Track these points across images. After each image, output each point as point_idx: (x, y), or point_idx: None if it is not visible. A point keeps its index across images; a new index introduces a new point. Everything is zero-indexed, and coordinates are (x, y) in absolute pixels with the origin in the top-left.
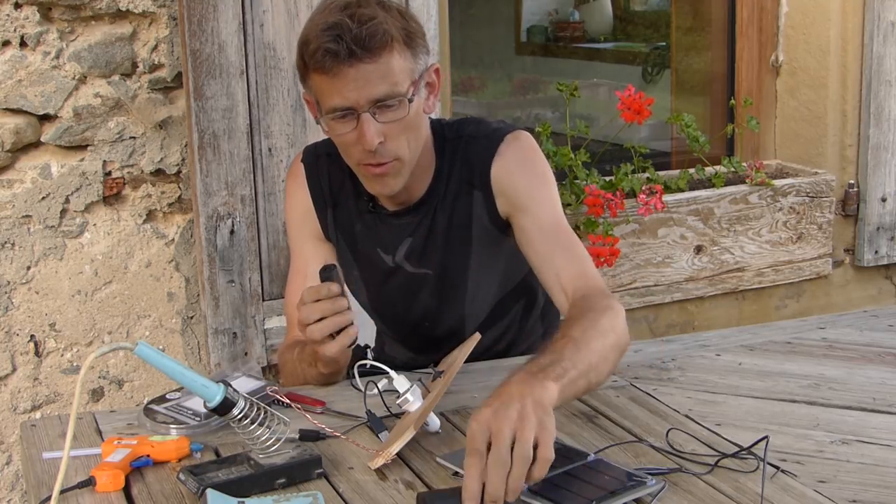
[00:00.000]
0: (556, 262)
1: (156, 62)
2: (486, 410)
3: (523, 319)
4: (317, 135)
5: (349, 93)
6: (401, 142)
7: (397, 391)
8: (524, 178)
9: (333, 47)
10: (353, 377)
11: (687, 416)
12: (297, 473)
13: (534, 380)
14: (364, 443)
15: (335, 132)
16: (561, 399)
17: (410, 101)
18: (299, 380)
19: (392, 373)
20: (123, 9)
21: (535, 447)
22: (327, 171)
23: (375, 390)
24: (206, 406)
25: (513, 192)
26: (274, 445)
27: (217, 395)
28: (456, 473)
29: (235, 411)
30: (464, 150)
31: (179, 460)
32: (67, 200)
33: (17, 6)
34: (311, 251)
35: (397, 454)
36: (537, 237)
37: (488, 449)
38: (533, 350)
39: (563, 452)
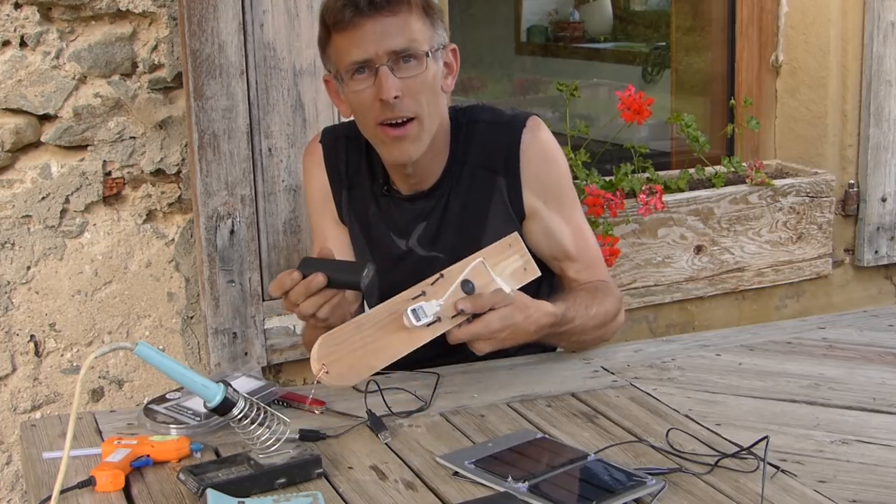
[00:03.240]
0: (577, 259)
1: (156, 62)
2: (514, 313)
3: None
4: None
5: (368, 45)
6: (419, 100)
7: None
8: (555, 174)
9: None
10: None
11: (687, 416)
12: (297, 473)
13: (537, 334)
14: (364, 443)
15: (353, 89)
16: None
17: (428, 56)
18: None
19: (431, 304)
20: (123, 9)
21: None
22: (345, 153)
23: (376, 389)
24: (206, 406)
25: (544, 186)
26: (274, 445)
27: (217, 395)
28: (456, 473)
29: (235, 411)
30: (480, 135)
31: (179, 460)
32: (67, 200)
33: (17, 6)
34: (329, 233)
35: (391, 449)
36: (564, 234)
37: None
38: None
39: (563, 452)
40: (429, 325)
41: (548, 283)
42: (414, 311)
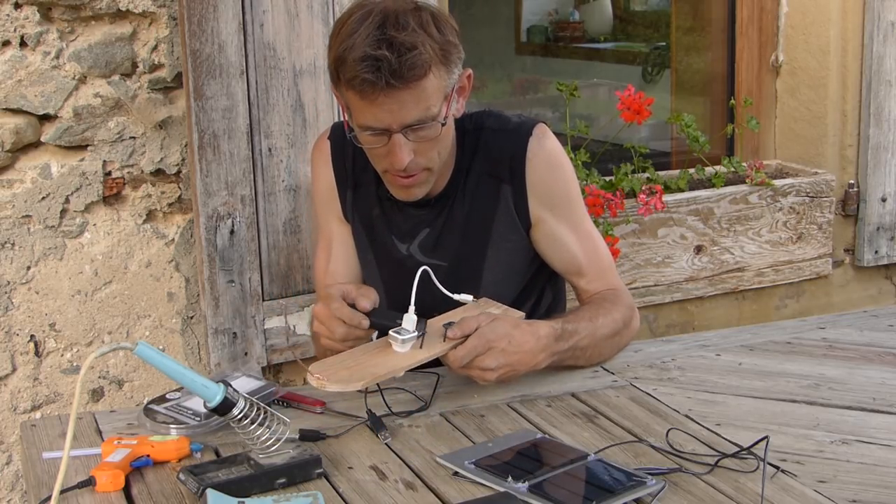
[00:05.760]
0: (587, 270)
1: (156, 62)
2: (503, 325)
3: (530, 318)
4: (316, 135)
5: (383, 116)
6: (431, 155)
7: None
8: (561, 182)
9: (371, 78)
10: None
11: (687, 416)
12: (297, 473)
13: (545, 352)
14: (364, 443)
15: (365, 144)
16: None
17: (443, 124)
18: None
19: (408, 316)
20: (123, 9)
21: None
22: (352, 152)
23: (376, 389)
24: (206, 406)
25: (550, 195)
26: (274, 445)
27: (217, 395)
28: (456, 473)
29: (235, 411)
30: (486, 142)
31: (179, 460)
32: (67, 200)
33: (17, 6)
34: (335, 230)
35: (391, 449)
36: (571, 242)
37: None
38: None
39: (563, 452)
40: (416, 338)
41: (551, 286)
42: (397, 330)
